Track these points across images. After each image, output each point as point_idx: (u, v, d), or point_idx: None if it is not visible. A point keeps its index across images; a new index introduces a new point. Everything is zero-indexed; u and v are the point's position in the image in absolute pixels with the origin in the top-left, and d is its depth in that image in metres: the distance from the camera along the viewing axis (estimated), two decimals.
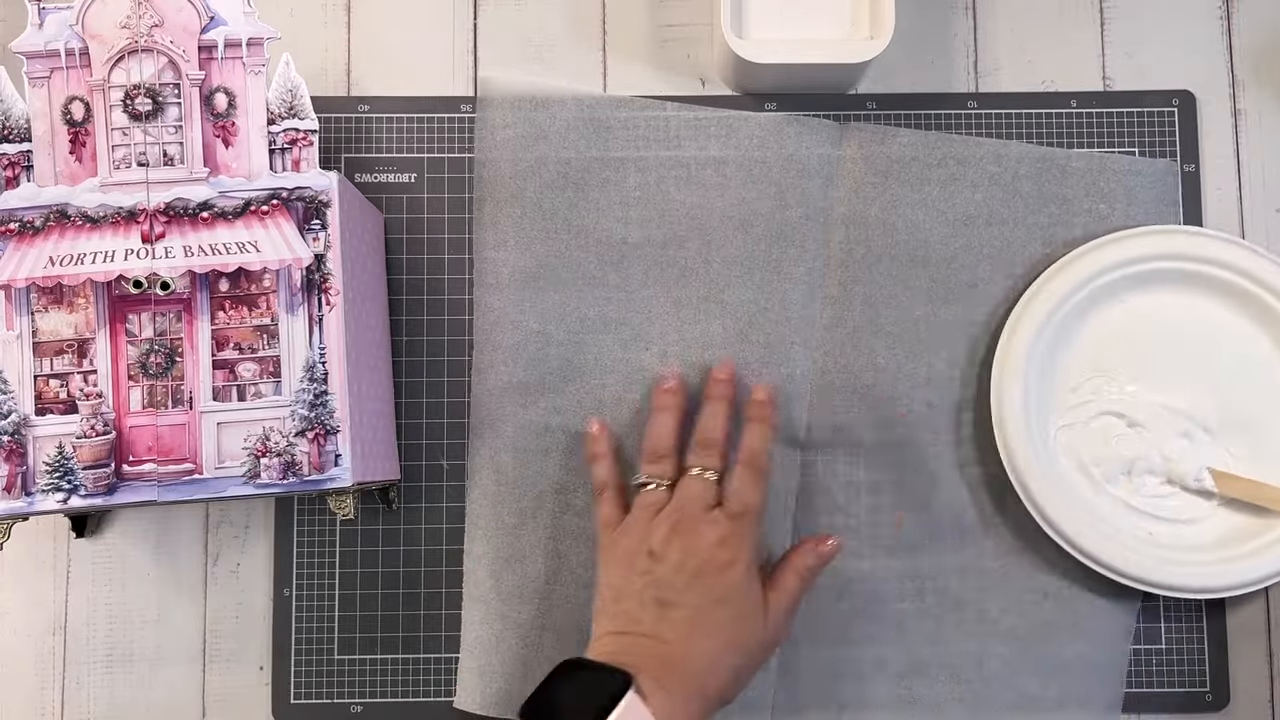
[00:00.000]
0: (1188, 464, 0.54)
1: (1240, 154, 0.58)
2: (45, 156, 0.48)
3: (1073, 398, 0.55)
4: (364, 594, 0.55)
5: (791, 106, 0.58)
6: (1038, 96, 0.58)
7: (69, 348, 0.47)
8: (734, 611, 0.47)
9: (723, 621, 0.46)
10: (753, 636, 0.47)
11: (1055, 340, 0.55)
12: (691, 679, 0.45)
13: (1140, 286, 0.55)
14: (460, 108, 0.58)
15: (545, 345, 0.56)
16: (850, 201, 0.56)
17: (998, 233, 0.56)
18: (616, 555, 0.49)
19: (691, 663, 0.45)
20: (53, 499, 0.46)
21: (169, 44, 0.48)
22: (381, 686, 0.55)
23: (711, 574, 0.47)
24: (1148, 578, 0.52)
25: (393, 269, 0.57)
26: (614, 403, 0.55)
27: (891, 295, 0.56)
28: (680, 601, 0.46)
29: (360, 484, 0.48)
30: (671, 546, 0.48)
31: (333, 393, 0.47)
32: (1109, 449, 0.55)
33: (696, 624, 0.46)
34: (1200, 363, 0.55)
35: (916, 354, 0.56)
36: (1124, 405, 0.55)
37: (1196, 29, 0.59)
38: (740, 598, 0.47)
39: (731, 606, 0.47)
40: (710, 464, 0.50)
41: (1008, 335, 0.54)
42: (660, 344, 0.56)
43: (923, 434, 0.55)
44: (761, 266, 0.56)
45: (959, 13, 0.59)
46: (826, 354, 0.56)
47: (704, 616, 0.46)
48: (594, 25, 0.59)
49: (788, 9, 0.56)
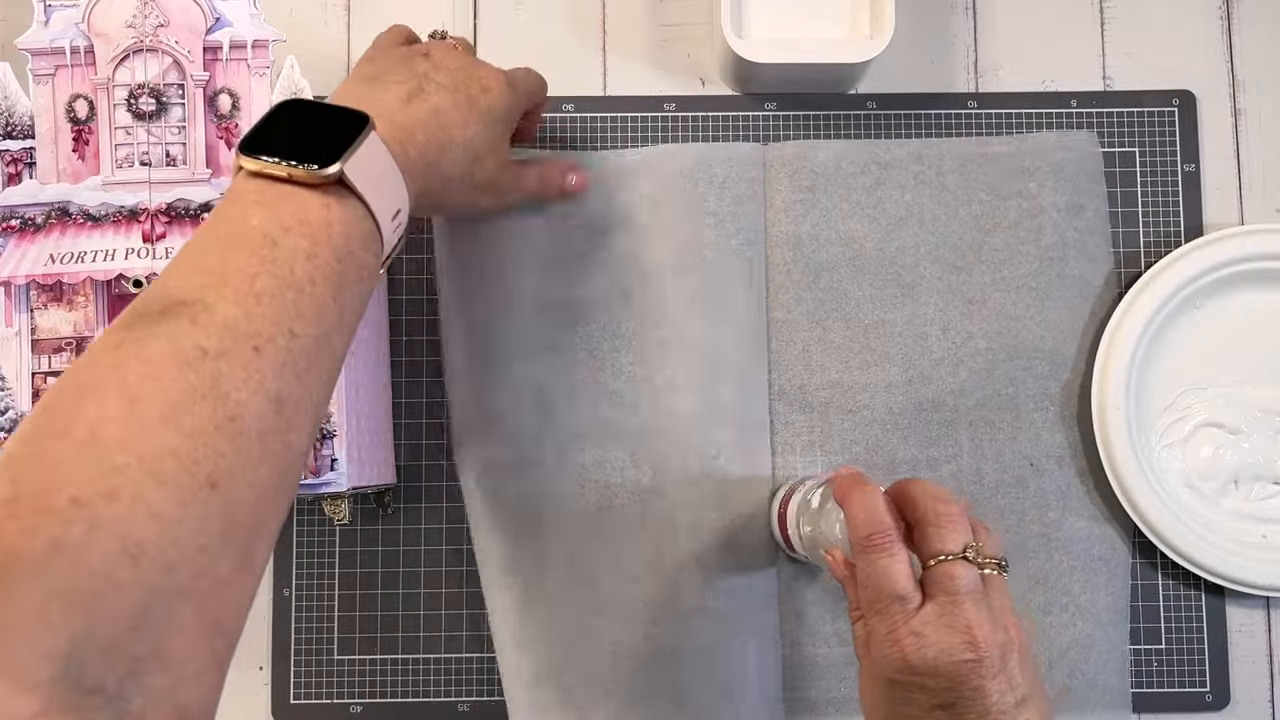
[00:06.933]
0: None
1: (1240, 154, 0.58)
2: (48, 154, 0.48)
3: (1167, 416, 0.56)
4: (364, 594, 0.55)
5: (791, 106, 0.58)
6: (1038, 96, 0.58)
7: (68, 346, 0.47)
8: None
9: None
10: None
11: (1144, 365, 0.55)
12: None
13: (1216, 292, 0.56)
14: None
15: (516, 422, 0.54)
16: (781, 222, 0.56)
17: (931, 229, 0.56)
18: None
19: None
20: None
21: (174, 44, 0.48)
22: (381, 686, 0.55)
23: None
24: (1272, 583, 0.53)
25: (392, 269, 0.57)
26: (594, 465, 0.54)
27: (836, 308, 0.56)
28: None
29: (356, 488, 0.48)
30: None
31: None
32: (1214, 461, 0.55)
33: None
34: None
35: (870, 363, 0.55)
36: (1220, 414, 0.56)
37: (1196, 29, 0.59)
38: None
39: None
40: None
41: (1100, 376, 0.54)
42: (631, 397, 0.54)
43: (891, 437, 0.55)
44: (718, 297, 0.54)
45: (959, 13, 0.59)
46: (779, 375, 0.55)
47: None
48: (594, 25, 0.59)
49: (788, 9, 0.56)
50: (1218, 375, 0.56)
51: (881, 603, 0.37)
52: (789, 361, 0.55)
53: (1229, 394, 0.56)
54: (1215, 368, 0.56)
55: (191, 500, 0.29)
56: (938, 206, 0.56)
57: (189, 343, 0.31)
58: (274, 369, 0.32)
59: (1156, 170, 0.58)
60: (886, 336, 0.56)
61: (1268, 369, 0.56)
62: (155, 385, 0.30)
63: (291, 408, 0.33)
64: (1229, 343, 0.56)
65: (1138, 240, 0.57)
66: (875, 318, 0.56)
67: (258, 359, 0.32)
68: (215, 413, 0.30)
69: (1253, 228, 0.55)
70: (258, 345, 0.32)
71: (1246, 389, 0.56)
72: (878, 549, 0.38)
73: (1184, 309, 0.56)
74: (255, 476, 0.31)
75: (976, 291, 0.56)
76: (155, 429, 0.29)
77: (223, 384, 0.31)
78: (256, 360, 0.32)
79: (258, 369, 0.32)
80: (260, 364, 0.32)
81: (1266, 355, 0.56)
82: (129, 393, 0.29)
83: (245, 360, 0.31)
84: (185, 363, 0.30)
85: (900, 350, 0.56)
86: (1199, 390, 0.56)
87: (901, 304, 0.56)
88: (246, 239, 0.34)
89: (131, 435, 0.29)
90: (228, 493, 0.30)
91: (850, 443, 0.55)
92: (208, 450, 0.30)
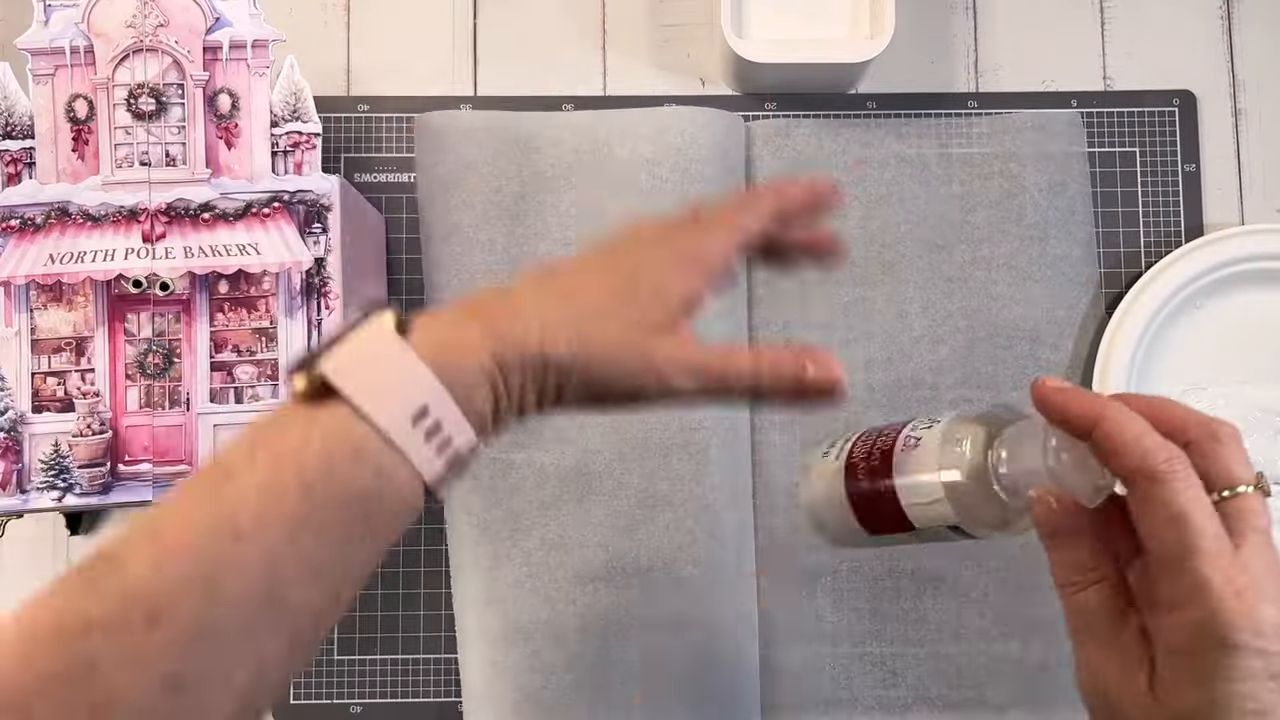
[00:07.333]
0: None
1: (1240, 154, 0.58)
2: (48, 154, 0.48)
3: None
4: (363, 594, 0.55)
5: (791, 106, 0.58)
6: (1038, 96, 0.58)
7: (67, 346, 0.47)
8: None
9: None
10: None
11: (1144, 365, 0.55)
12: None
13: (1216, 292, 0.56)
14: (460, 108, 0.58)
15: None
16: None
17: (913, 208, 0.56)
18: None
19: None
20: (48, 497, 0.46)
21: (174, 44, 0.48)
22: (381, 686, 0.55)
23: None
24: None
25: (392, 269, 0.57)
26: (575, 429, 0.54)
27: (817, 285, 0.56)
28: None
29: None
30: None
31: None
32: None
33: None
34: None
35: (850, 340, 0.55)
36: (1220, 414, 0.54)
37: (1196, 29, 0.59)
38: None
39: None
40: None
41: (1100, 376, 0.54)
42: None
43: (871, 414, 0.55)
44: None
45: (959, 13, 0.59)
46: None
47: None
48: (594, 25, 0.59)
49: (788, 9, 0.56)
50: (1218, 375, 0.56)
51: (1186, 547, 0.29)
52: (769, 338, 0.55)
53: (1229, 394, 0.56)
54: (1215, 368, 0.56)
55: None
56: (919, 185, 0.56)
57: (76, 608, 0.25)
58: (176, 645, 0.25)
59: (1156, 170, 0.58)
60: (867, 314, 0.56)
61: (1268, 369, 0.56)
62: (21, 661, 0.24)
63: (200, 688, 0.25)
64: (1229, 343, 0.56)
65: (1138, 240, 0.57)
66: (856, 295, 0.56)
67: (153, 632, 0.25)
68: (77, 698, 0.24)
69: (1253, 228, 0.55)
70: (156, 614, 0.25)
71: (1246, 389, 0.56)
72: (1172, 477, 0.29)
73: (1184, 309, 0.56)
74: None
75: (957, 270, 0.56)
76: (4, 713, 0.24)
77: (100, 663, 0.24)
78: (150, 634, 0.25)
79: (150, 644, 0.25)
80: (155, 638, 0.25)
81: (1266, 355, 0.56)
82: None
83: (135, 633, 0.25)
84: (62, 634, 0.25)
85: (880, 328, 0.56)
86: (1199, 390, 0.56)
87: (882, 282, 0.56)
88: (206, 473, 0.28)
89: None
90: None
91: (829, 419, 0.55)
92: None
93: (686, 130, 0.55)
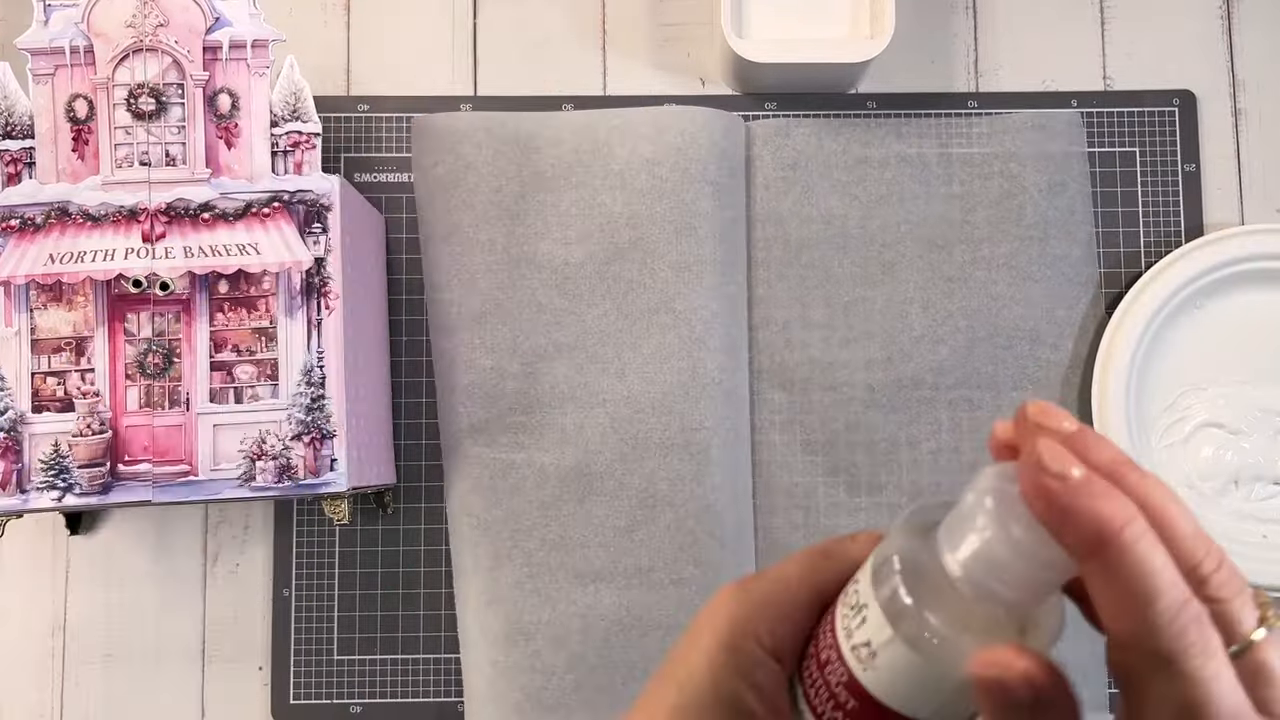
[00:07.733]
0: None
1: (1240, 154, 0.58)
2: (47, 154, 0.48)
3: (1168, 416, 0.56)
4: (363, 594, 0.55)
5: (791, 106, 0.58)
6: (1038, 96, 0.58)
7: (67, 346, 0.47)
8: None
9: None
10: None
11: (1144, 365, 0.55)
12: None
13: (1216, 292, 0.56)
14: (460, 108, 0.58)
15: (500, 380, 0.54)
16: (763, 198, 0.56)
17: (913, 207, 0.56)
18: None
19: None
20: (48, 496, 0.46)
21: (173, 44, 0.48)
22: (381, 687, 0.55)
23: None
24: (1272, 583, 0.52)
25: (393, 269, 0.57)
26: (575, 429, 0.54)
27: (816, 285, 0.56)
28: None
29: (356, 489, 0.48)
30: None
31: (330, 397, 0.47)
32: (1214, 461, 0.55)
33: None
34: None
35: (850, 340, 0.56)
36: (1220, 414, 0.56)
37: (1196, 29, 0.59)
38: None
39: None
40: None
41: (1100, 376, 0.54)
42: (616, 363, 0.54)
43: (871, 414, 0.55)
44: (710, 269, 0.54)
45: (959, 13, 0.59)
46: (759, 352, 0.55)
47: None
48: (594, 25, 0.59)
49: (788, 9, 0.56)
50: (1218, 375, 0.56)
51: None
52: (769, 338, 0.56)
53: (1229, 394, 0.56)
54: (1215, 368, 0.56)
55: None
56: (918, 185, 0.56)
57: None
58: None
59: (1157, 170, 0.58)
60: (867, 314, 0.56)
61: (1268, 369, 0.56)
62: None
63: None
64: (1229, 343, 0.56)
65: (1138, 240, 0.57)
66: (856, 295, 0.56)
67: None
68: None
69: (1253, 228, 0.55)
70: None
71: (1246, 389, 0.56)
72: (1196, 651, 0.21)
73: (1184, 309, 0.56)
74: None
75: (957, 270, 0.56)
76: None
77: None
78: None
79: None
80: None
81: (1266, 355, 0.56)
82: None
83: None
84: None
85: (881, 328, 0.56)
86: (1199, 390, 0.56)
87: (882, 282, 0.56)
88: None
89: None
90: None
91: (830, 420, 0.55)
92: None
93: (686, 130, 0.55)
